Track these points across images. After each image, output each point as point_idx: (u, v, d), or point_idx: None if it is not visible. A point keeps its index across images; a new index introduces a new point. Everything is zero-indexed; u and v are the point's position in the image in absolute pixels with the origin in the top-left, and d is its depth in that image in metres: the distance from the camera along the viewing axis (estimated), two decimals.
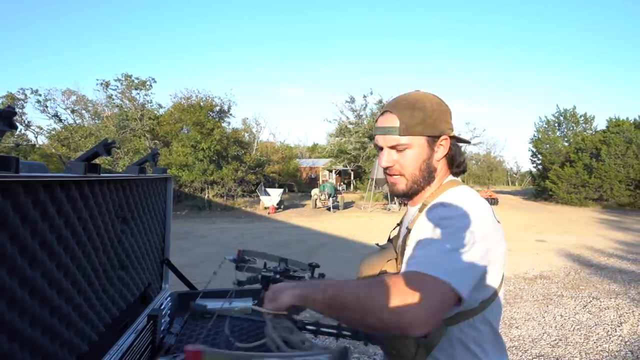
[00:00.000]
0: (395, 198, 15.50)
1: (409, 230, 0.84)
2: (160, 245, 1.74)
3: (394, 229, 1.01)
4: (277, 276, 1.08)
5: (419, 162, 0.85)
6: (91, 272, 1.09)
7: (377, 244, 0.96)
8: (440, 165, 0.88)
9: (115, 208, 1.24)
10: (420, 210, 0.85)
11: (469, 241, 0.71)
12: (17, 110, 0.63)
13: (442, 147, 0.87)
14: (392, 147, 0.85)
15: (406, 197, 0.91)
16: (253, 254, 1.52)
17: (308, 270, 1.47)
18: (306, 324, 0.76)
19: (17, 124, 0.60)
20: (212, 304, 1.56)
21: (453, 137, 0.88)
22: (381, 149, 0.87)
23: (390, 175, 0.88)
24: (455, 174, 0.91)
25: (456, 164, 0.90)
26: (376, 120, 0.89)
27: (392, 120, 0.84)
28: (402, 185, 0.88)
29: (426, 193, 0.89)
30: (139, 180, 1.42)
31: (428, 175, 0.87)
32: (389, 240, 1.00)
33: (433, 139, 0.85)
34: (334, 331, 0.72)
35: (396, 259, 0.87)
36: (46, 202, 0.86)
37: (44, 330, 0.87)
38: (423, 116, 0.83)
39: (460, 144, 0.92)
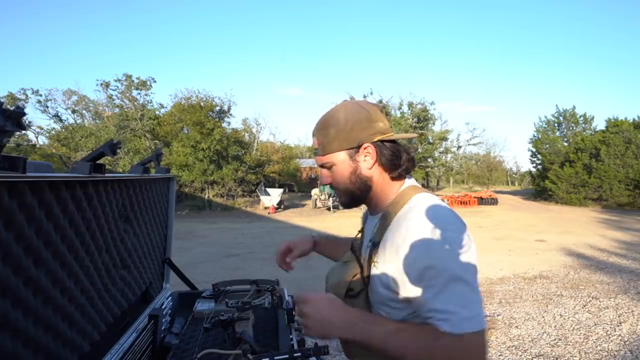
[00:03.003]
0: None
1: (374, 244, 0.83)
2: (161, 244, 1.75)
3: (356, 236, 1.01)
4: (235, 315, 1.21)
5: (346, 175, 0.87)
6: (94, 272, 1.09)
7: (345, 260, 0.94)
8: (377, 173, 0.86)
9: (119, 208, 1.25)
10: (384, 220, 0.83)
11: (469, 271, 0.72)
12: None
13: (369, 156, 0.85)
14: (322, 166, 0.90)
15: (351, 207, 0.94)
16: (227, 284, 1.67)
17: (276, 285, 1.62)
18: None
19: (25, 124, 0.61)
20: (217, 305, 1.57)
21: (381, 141, 0.85)
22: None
23: (334, 189, 0.92)
24: (399, 176, 0.87)
25: (395, 166, 0.86)
26: None
27: (315, 143, 0.89)
28: (342, 198, 0.92)
29: (384, 199, 0.87)
30: (143, 180, 1.43)
31: (363, 186, 0.87)
32: (352, 250, 0.97)
33: (354, 151, 0.85)
34: None
35: (361, 272, 0.86)
36: (51, 202, 0.86)
37: (47, 329, 0.87)
38: (335, 132, 0.85)
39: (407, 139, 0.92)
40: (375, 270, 0.81)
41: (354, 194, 0.89)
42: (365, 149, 0.85)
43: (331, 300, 0.79)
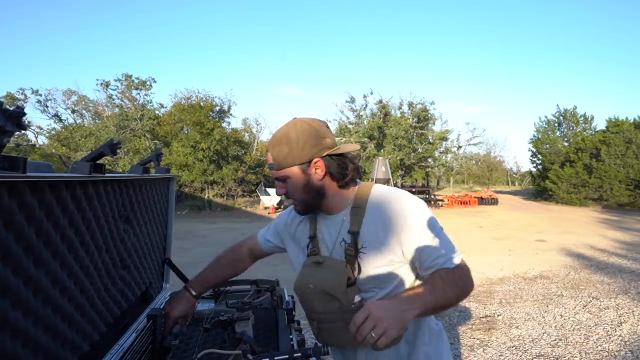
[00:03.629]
0: None
1: (355, 233, 0.95)
2: (161, 244, 1.75)
3: (309, 242, 1.06)
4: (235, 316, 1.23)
5: (300, 187, 0.96)
6: (94, 272, 1.09)
7: (316, 262, 1.01)
8: (327, 182, 0.98)
9: (119, 208, 1.25)
10: (356, 213, 0.97)
11: (436, 220, 0.96)
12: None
13: (319, 169, 0.96)
14: (278, 179, 0.98)
15: (307, 214, 1.04)
16: (227, 284, 1.67)
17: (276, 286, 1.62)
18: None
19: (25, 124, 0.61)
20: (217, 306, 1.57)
21: (328, 156, 0.96)
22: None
23: (289, 199, 1.01)
24: (348, 183, 1.00)
25: (343, 176, 0.98)
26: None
27: (270, 158, 0.98)
28: (298, 207, 1.01)
29: (341, 200, 1.00)
30: (143, 180, 1.42)
31: (317, 195, 0.98)
32: (310, 254, 1.05)
33: (306, 165, 0.95)
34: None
35: (350, 261, 0.96)
36: (51, 202, 0.86)
37: (47, 330, 0.87)
38: (288, 149, 0.94)
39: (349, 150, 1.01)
40: (365, 255, 0.94)
41: (308, 202, 0.99)
42: (315, 163, 0.96)
43: (382, 303, 0.83)
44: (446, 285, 0.88)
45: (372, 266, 0.94)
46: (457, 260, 0.93)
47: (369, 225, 0.95)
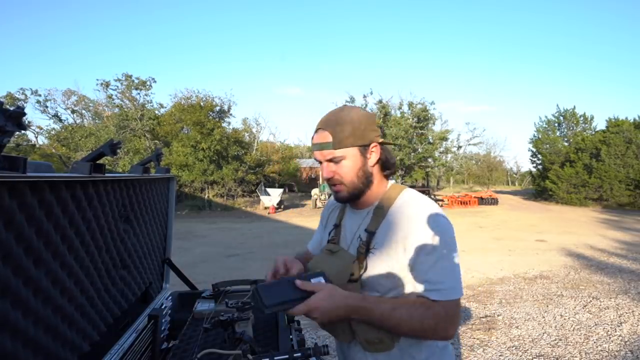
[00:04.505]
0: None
1: (370, 233, 0.94)
2: (161, 244, 1.75)
3: (332, 230, 1.08)
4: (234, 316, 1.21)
5: (355, 170, 0.95)
6: (94, 272, 1.09)
7: (330, 250, 1.02)
8: (375, 170, 0.98)
9: (119, 208, 1.25)
10: (378, 213, 0.96)
11: (455, 247, 0.90)
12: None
13: (374, 154, 0.96)
14: (329, 160, 0.95)
15: (349, 202, 1.01)
16: (227, 284, 1.66)
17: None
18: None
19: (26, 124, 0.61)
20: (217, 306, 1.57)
21: (381, 143, 0.98)
22: (321, 162, 0.97)
23: (333, 184, 0.97)
24: (388, 175, 1.02)
25: (388, 166, 1.00)
26: (312, 138, 0.98)
27: (325, 137, 0.93)
28: (343, 192, 0.97)
29: (371, 196, 0.99)
30: (143, 180, 1.42)
31: (366, 181, 0.97)
32: (330, 241, 1.06)
33: (364, 148, 0.95)
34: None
35: (358, 259, 0.95)
36: (52, 202, 0.86)
37: (47, 330, 0.87)
38: (352, 129, 0.92)
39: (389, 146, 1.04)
40: (373, 256, 0.93)
41: (358, 188, 0.97)
42: (374, 147, 0.96)
43: (331, 298, 0.85)
44: (410, 316, 0.84)
45: (377, 268, 0.93)
46: (444, 295, 0.86)
47: (385, 228, 0.94)
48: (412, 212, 0.92)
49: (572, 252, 7.20)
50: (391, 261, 0.91)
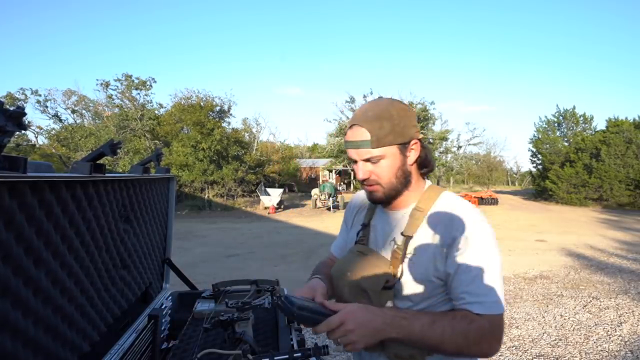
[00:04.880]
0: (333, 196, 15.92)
1: (408, 237, 0.87)
2: (161, 244, 1.75)
3: (360, 230, 1.00)
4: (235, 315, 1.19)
5: (394, 170, 0.87)
6: (94, 272, 1.09)
7: (361, 252, 0.95)
8: (413, 169, 0.91)
9: (119, 208, 1.25)
10: (414, 216, 0.89)
11: (498, 258, 0.85)
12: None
13: (414, 152, 0.89)
14: (366, 160, 0.87)
15: (385, 203, 0.93)
16: (227, 284, 1.66)
17: (276, 285, 1.61)
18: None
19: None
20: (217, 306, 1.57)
21: (420, 139, 0.91)
22: (355, 161, 0.89)
23: (368, 185, 0.90)
24: (425, 174, 0.95)
25: (426, 164, 0.93)
26: (345, 134, 0.90)
27: (362, 134, 0.85)
28: (379, 193, 0.90)
29: (408, 197, 0.92)
30: (143, 180, 1.42)
31: (405, 181, 0.89)
32: (359, 242, 0.98)
33: (404, 146, 0.87)
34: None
35: (393, 264, 0.88)
36: (52, 202, 0.86)
37: (47, 330, 0.87)
38: (391, 126, 0.84)
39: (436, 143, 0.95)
40: (410, 262, 0.86)
41: (396, 189, 0.89)
42: (414, 144, 0.89)
43: (364, 309, 0.79)
44: (452, 330, 0.78)
45: (414, 276, 0.86)
46: (488, 309, 0.79)
47: (424, 232, 0.87)
48: (454, 217, 0.85)
49: (572, 252, 7.20)
50: (429, 269, 0.84)
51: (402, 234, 0.89)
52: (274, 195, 16.00)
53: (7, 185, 0.71)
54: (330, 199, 16.03)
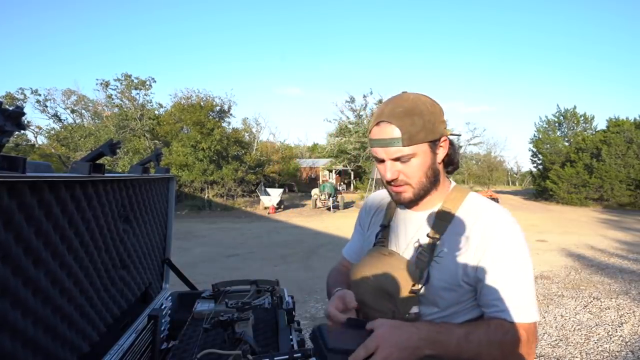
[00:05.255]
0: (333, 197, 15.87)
1: (435, 239, 0.83)
2: (161, 244, 1.74)
3: (380, 231, 0.95)
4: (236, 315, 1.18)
5: (424, 169, 0.83)
6: (93, 272, 1.09)
7: (383, 254, 0.89)
8: (440, 167, 0.88)
9: (118, 208, 1.24)
10: (443, 217, 0.84)
11: (530, 264, 0.82)
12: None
13: (442, 149, 0.86)
14: (396, 159, 0.82)
15: (413, 204, 0.88)
16: (227, 284, 1.66)
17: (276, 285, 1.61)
18: None
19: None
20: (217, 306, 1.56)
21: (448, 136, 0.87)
22: (381, 161, 0.83)
23: (395, 185, 0.84)
24: (451, 171, 0.91)
25: (452, 162, 0.89)
26: (370, 131, 0.84)
27: (392, 131, 0.79)
28: (408, 194, 0.84)
29: (434, 197, 0.88)
30: (142, 180, 1.42)
31: (434, 180, 0.85)
32: (378, 243, 0.93)
33: (434, 143, 0.83)
34: None
35: (418, 267, 0.83)
36: (51, 201, 0.86)
37: (46, 330, 0.87)
38: (423, 122, 0.80)
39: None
40: (438, 265, 0.82)
41: (425, 189, 0.85)
42: (443, 141, 0.85)
43: (398, 327, 0.73)
44: (488, 341, 0.74)
45: (442, 281, 0.81)
46: (523, 317, 0.76)
47: (453, 236, 0.83)
48: (485, 220, 0.82)
49: (572, 252, 7.20)
50: (458, 273, 0.80)
51: (428, 235, 0.85)
52: (274, 195, 16.00)
53: (6, 185, 0.71)
54: (330, 199, 16.03)
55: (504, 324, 0.76)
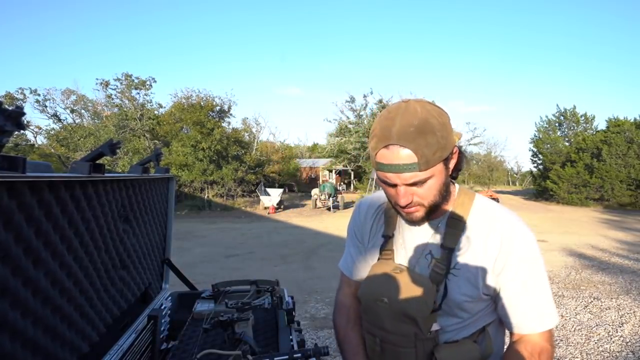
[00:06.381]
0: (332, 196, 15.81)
1: (450, 250, 0.80)
2: (161, 245, 1.74)
3: (383, 243, 0.89)
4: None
5: (439, 187, 0.77)
6: (93, 272, 1.09)
7: (395, 270, 0.84)
8: (448, 177, 0.82)
9: (118, 208, 1.24)
10: (454, 226, 0.81)
11: (545, 270, 0.82)
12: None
13: (454, 160, 0.80)
14: (412, 184, 0.74)
15: (423, 221, 0.82)
16: (227, 284, 1.66)
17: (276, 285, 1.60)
18: None
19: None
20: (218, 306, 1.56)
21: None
22: (393, 185, 0.76)
23: (408, 207, 0.78)
24: (454, 177, 0.86)
25: (459, 167, 0.83)
26: (376, 154, 0.75)
27: (406, 156, 0.71)
28: (420, 213, 0.78)
29: (443, 206, 0.83)
30: (142, 180, 1.42)
31: (446, 194, 0.80)
32: (384, 257, 0.88)
33: (447, 158, 0.77)
34: None
35: (436, 282, 0.79)
36: (51, 202, 0.86)
37: (46, 330, 0.87)
38: (437, 140, 0.72)
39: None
40: (455, 278, 0.79)
41: (438, 205, 0.79)
42: (455, 154, 0.79)
43: None
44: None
45: (461, 293, 0.78)
46: (547, 324, 0.79)
47: (468, 244, 0.79)
48: (501, 231, 0.79)
49: (573, 252, 7.19)
50: (478, 286, 0.78)
51: (442, 246, 0.80)
52: (274, 195, 16.00)
53: (6, 185, 0.71)
54: (330, 199, 16.02)
55: (531, 343, 0.79)
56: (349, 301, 1.00)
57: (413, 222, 0.81)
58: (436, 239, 0.82)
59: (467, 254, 0.79)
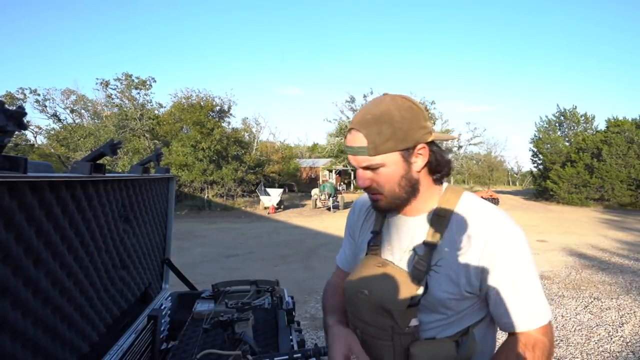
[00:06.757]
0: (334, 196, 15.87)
1: (432, 246, 0.80)
2: (161, 245, 1.74)
3: (372, 238, 0.91)
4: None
5: (396, 179, 0.79)
6: (93, 272, 1.09)
7: (379, 264, 0.86)
8: (423, 174, 0.83)
9: (119, 208, 1.24)
10: (438, 222, 0.81)
11: (534, 265, 0.81)
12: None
13: (421, 157, 0.80)
14: (365, 168, 0.80)
15: (389, 212, 0.87)
16: (227, 284, 1.66)
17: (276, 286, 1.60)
18: None
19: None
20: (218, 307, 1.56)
21: (431, 142, 0.81)
22: (355, 168, 0.82)
23: (371, 193, 0.83)
24: (439, 179, 0.86)
25: (438, 169, 0.83)
26: (345, 138, 0.82)
27: (359, 140, 0.77)
28: (382, 202, 0.83)
29: (424, 201, 0.85)
30: (142, 180, 1.42)
31: (411, 189, 0.82)
32: (372, 251, 0.90)
33: (408, 151, 0.78)
34: None
35: (415, 278, 0.80)
36: (51, 202, 0.86)
37: (46, 330, 0.87)
38: (392, 130, 0.75)
39: (445, 141, 0.88)
40: (437, 274, 0.79)
41: (399, 198, 0.82)
42: (420, 149, 0.80)
43: None
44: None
45: (442, 290, 0.79)
46: (542, 320, 0.78)
47: (451, 241, 0.80)
48: (483, 224, 0.79)
49: (573, 252, 7.19)
50: (460, 282, 0.78)
51: (424, 242, 0.81)
52: (274, 195, 16.00)
53: (7, 185, 0.71)
54: (330, 199, 16.02)
55: (528, 341, 0.77)
56: (338, 281, 1.05)
57: (378, 210, 0.87)
58: (420, 235, 0.83)
59: (450, 251, 0.80)
